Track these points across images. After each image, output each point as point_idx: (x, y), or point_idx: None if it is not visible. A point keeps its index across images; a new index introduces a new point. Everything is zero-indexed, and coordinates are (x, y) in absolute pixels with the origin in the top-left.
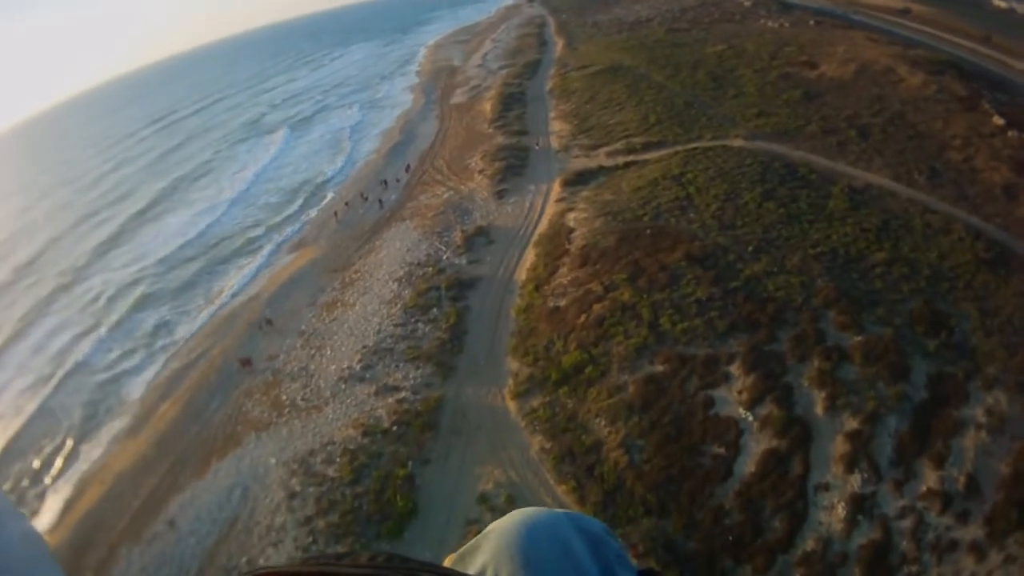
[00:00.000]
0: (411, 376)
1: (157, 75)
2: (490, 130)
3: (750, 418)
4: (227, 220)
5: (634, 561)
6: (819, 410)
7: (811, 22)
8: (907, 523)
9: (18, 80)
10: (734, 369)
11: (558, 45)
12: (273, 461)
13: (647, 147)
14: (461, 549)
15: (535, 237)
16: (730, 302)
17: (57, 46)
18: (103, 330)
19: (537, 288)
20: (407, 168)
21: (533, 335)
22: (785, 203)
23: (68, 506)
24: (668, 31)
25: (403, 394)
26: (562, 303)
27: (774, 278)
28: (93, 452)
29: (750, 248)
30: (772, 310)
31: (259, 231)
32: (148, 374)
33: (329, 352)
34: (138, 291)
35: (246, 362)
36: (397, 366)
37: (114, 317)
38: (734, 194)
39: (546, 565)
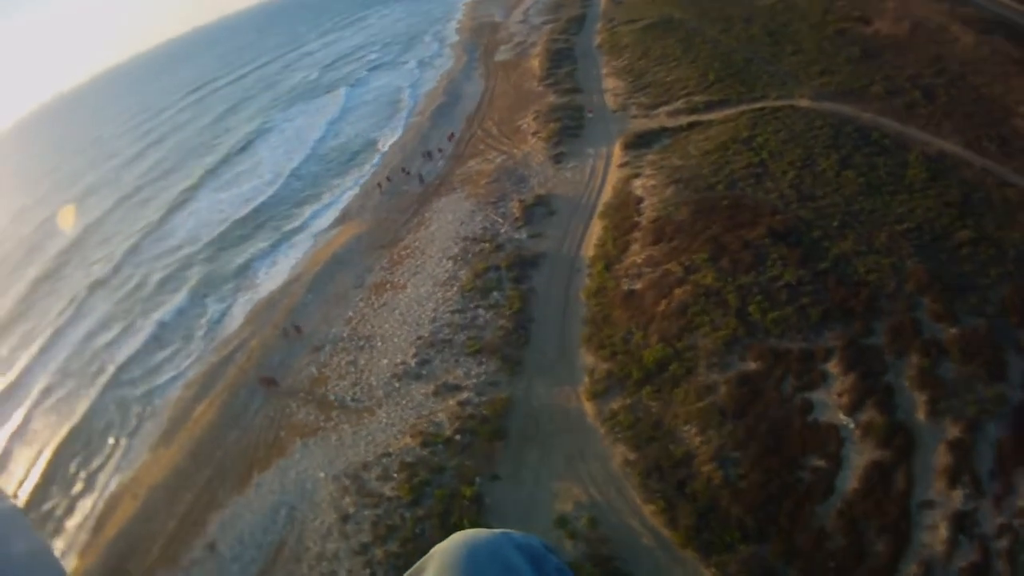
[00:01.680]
0: (473, 373)
1: (184, 47)
2: (540, 88)
3: (851, 425)
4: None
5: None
6: (921, 415)
7: None
8: (1004, 543)
9: (45, 59)
10: (831, 367)
11: None
12: (322, 475)
13: (710, 106)
14: (407, 573)
15: (600, 207)
16: (821, 287)
17: (75, 26)
18: (142, 329)
19: (608, 267)
20: (450, 137)
21: (608, 324)
22: (864, 172)
23: (99, 524)
24: None
25: (465, 395)
26: (638, 286)
27: (863, 258)
28: (124, 460)
29: (835, 223)
30: (866, 296)
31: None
32: (180, 372)
33: (380, 344)
34: (191, 274)
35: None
36: (457, 361)
37: (148, 308)
38: (810, 160)
39: None
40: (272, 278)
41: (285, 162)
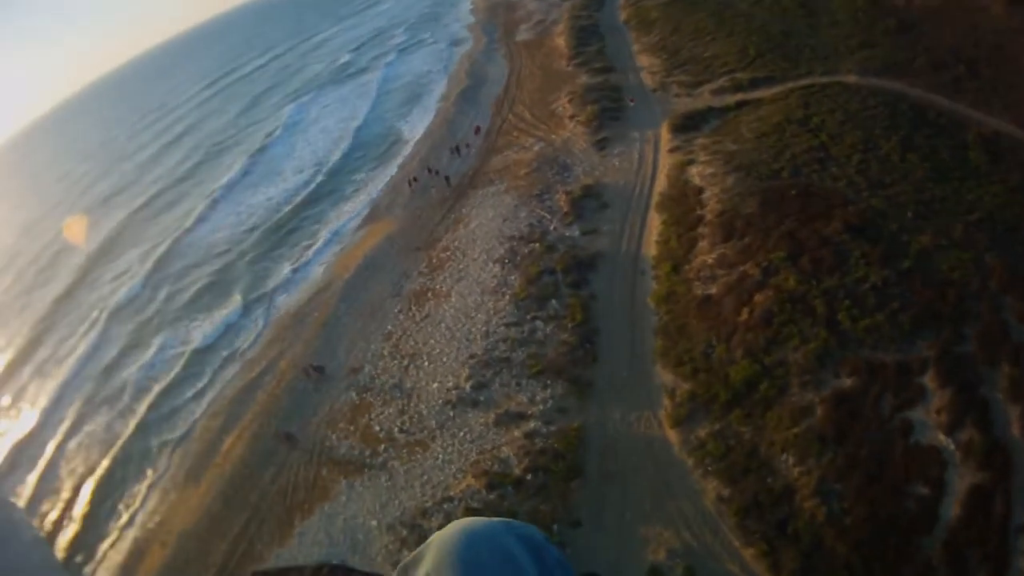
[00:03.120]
0: (538, 398)
1: (187, 44)
2: (570, 68)
3: (952, 446)
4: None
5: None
6: (1016, 431)
7: None
8: None
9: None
10: (928, 380)
11: None
12: (374, 524)
13: (755, 84)
14: (404, 560)
15: (655, 198)
16: (907, 288)
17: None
18: (148, 349)
19: (675, 269)
20: (477, 130)
21: (684, 335)
22: (927, 155)
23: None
24: None
25: (532, 424)
26: (713, 290)
27: (944, 254)
28: (150, 499)
29: (909, 213)
30: (953, 298)
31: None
32: (204, 397)
33: (427, 363)
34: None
35: (317, 369)
36: (519, 384)
37: (163, 326)
38: (872, 143)
39: (487, 571)
40: (298, 287)
41: (306, 163)
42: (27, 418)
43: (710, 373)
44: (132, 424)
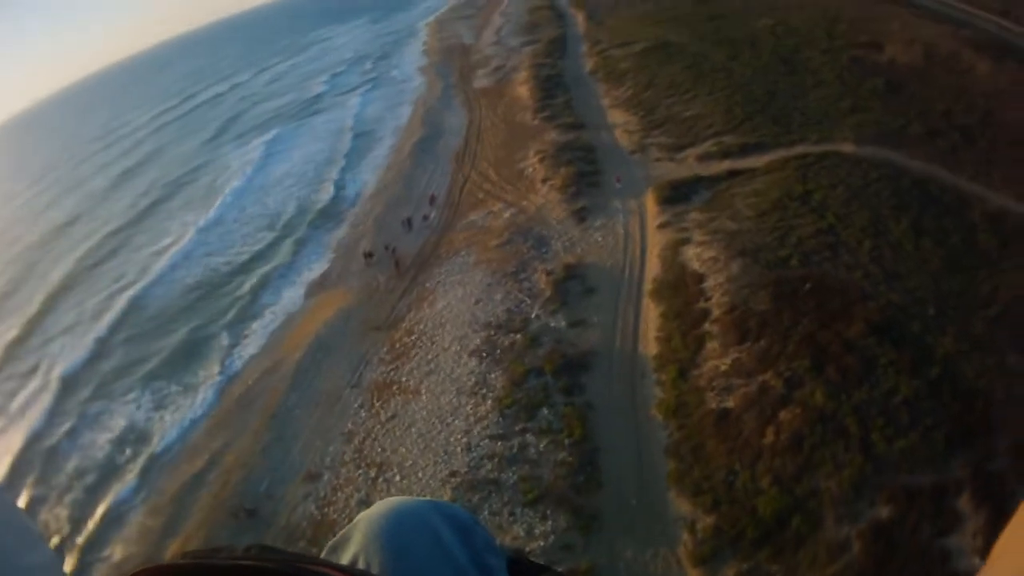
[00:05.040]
0: (538, 531)
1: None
2: (536, 122)
3: None
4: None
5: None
6: None
7: None
8: None
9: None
10: (963, 503)
11: (578, 18)
12: None
13: (746, 150)
14: (332, 541)
15: (649, 283)
16: (938, 402)
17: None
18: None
19: (682, 374)
20: (432, 200)
21: (701, 458)
22: (939, 239)
23: None
24: (695, 1)
25: None
26: (730, 404)
27: (968, 358)
28: None
29: (930, 310)
30: (981, 409)
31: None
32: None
33: (398, 478)
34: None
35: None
36: (512, 514)
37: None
38: (882, 226)
39: (415, 553)
40: (243, 366)
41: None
42: None
43: (735, 505)
44: None
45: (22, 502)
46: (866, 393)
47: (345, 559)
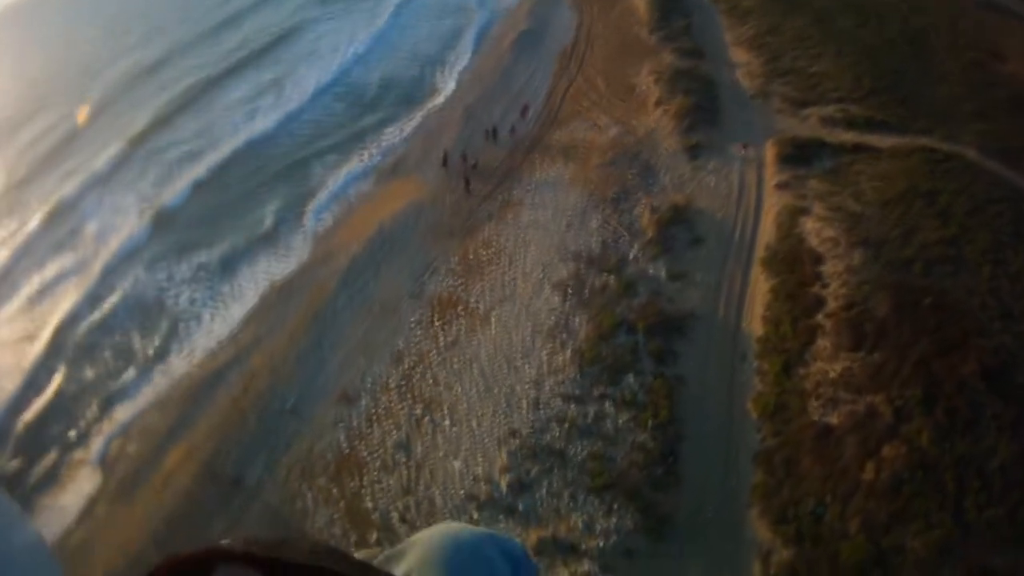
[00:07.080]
0: (599, 527)
1: None
2: (651, 40)
3: None
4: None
5: None
6: None
7: None
8: None
9: None
10: None
11: None
12: None
13: (872, 125)
14: (387, 552)
15: (761, 250)
16: None
17: None
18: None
19: (787, 370)
20: (524, 110)
21: (793, 475)
22: None
23: None
24: None
25: (586, 566)
26: (834, 420)
27: None
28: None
29: None
30: None
31: None
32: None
33: (448, 423)
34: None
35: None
36: (574, 498)
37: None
38: (1001, 253)
39: None
40: (290, 253)
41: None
42: None
43: (818, 545)
44: None
45: None
46: (968, 447)
47: (398, 572)
